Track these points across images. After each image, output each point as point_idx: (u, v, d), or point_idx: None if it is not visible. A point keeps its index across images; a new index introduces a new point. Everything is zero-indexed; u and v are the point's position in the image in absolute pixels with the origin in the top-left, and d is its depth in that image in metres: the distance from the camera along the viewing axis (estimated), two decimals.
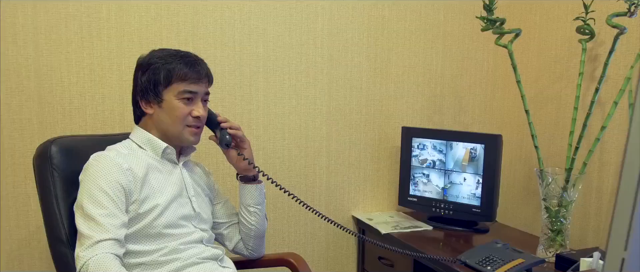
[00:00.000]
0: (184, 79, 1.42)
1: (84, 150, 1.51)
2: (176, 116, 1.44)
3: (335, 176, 2.30)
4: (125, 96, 1.92)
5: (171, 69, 1.42)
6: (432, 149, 2.19)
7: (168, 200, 1.42)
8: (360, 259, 2.37)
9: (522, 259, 1.64)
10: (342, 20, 2.20)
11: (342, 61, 2.23)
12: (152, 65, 1.43)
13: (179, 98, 1.43)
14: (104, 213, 1.28)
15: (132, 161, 1.40)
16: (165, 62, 1.43)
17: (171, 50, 1.47)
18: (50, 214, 1.42)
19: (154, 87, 1.43)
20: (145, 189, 1.39)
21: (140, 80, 1.45)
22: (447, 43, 2.40)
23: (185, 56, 1.46)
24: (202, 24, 1.99)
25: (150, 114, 1.46)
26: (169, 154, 1.49)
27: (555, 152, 2.16)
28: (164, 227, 1.40)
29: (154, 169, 1.44)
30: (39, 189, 1.46)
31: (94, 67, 1.88)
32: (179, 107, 1.43)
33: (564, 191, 1.74)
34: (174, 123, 1.45)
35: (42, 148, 1.47)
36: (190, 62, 1.45)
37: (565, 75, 2.13)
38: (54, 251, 1.41)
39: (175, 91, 1.43)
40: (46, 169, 1.45)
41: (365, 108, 2.31)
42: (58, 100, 1.85)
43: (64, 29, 1.82)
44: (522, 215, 2.38)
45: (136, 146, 1.48)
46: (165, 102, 1.43)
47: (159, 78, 1.42)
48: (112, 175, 1.33)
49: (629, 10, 1.61)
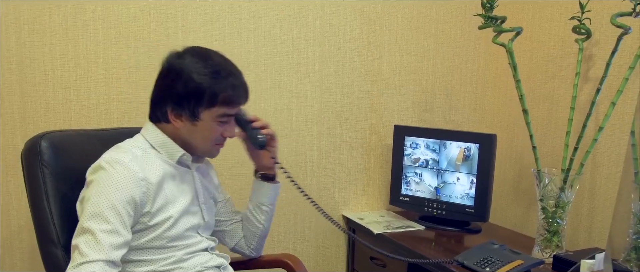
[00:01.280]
0: (229, 103, 1.34)
1: (75, 146, 1.46)
2: (209, 137, 1.37)
3: (326, 175, 2.26)
4: (112, 91, 1.86)
5: (217, 93, 1.31)
6: (425, 148, 2.16)
7: (180, 211, 1.35)
8: (350, 260, 2.34)
9: (521, 260, 1.62)
10: (334, 16, 2.16)
11: (334, 58, 2.19)
12: (193, 80, 1.30)
13: (216, 120, 1.35)
14: (107, 229, 1.19)
15: (147, 166, 1.31)
16: (211, 82, 1.30)
17: (213, 60, 1.34)
18: (40, 212, 1.34)
19: (193, 106, 1.32)
20: (159, 199, 1.30)
21: (174, 90, 1.32)
22: (439, 41, 2.37)
23: (230, 74, 1.34)
24: (192, 18, 1.93)
25: (177, 127, 1.36)
26: (185, 160, 1.40)
27: (546, 153, 2.15)
28: (172, 239, 1.34)
29: (169, 176, 1.35)
30: (28, 186, 1.38)
31: (79, 60, 1.80)
32: (215, 129, 1.36)
33: (561, 191, 1.73)
34: (205, 142, 1.38)
35: (31, 143, 1.39)
36: (237, 84, 1.34)
37: (558, 75, 2.12)
38: (43, 251, 1.34)
39: (215, 114, 1.33)
40: (36, 165, 1.36)
41: (357, 105, 2.27)
42: (41, 94, 1.77)
43: (48, 20, 1.74)
44: (513, 215, 2.37)
45: (150, 146, 1.37)
46: (201, 122, 1.34)
47: (202, 99, 1.30)
48: (126, 188, 1.23)
49: (634, 10, 1.59)
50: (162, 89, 1.36)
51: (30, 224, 1.77)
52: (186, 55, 1.33)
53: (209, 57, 1.34)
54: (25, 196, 1.75)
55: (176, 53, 1.35)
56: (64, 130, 1.57)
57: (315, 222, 2.27)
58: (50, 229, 1.34)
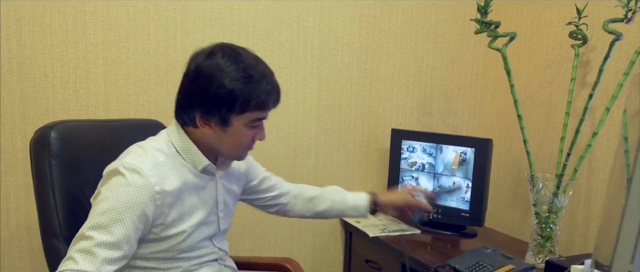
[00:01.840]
0: (262, 108, 1.26)
1: (84, 136, 1.46)
2: (239, 143, 1.30)
3: (324, 177, 2.27)
4: (111, 92, 1.88)
5: (250, 98, 1.22)
6: (421, 152, 2.17)
7: (195, 224, 1.31)
8: (346, 262, 2.35)
9: (513, 265, 1.63)
10: (333, 20, 2.17)
11: (332, 61, 2.21)
12: (225, 86, 1.20)
13: (248, 126, 1.27)
14: (107, 242, 1.14)
15: (168, 174, 1.24)
16: (243, 88, 1.21)
17: (245, 62, 1.23)
18: (45, 204, 1.36)
19: (224, 112, 1.23)
20: (175, 211, 1.26)
21: (204, 95, 1.22)
22: (438, 45, 2.38)
23: (263, 77, 1.24)
24: (191, 20, 1.95)
25: (205, 133, 1.28)
26: (209, 169, 1.34)
27: (544, 158, 2.15)
28: (183, 251, 1.31)
29: (190, 186, 1.30)
30: (34, 177, 1.38)
31: (79, 61, 1.83)
32: (246, 134, 1.28)
33: (554, 196, 1.73)
34: (234, 148, 1.31)
35: (40, 133, 1.39)
36: (270, 89, 1.25)
37: (556, 80, 2.13)
38: (45, 243, 1.36)
39: (247, 120, 1.25)
40: (44, 155, 1.36)
41: (355, 109, 2.28)
42: (41, 95, 1.80)
43: (48, 22, 1.77)
44: (510, 220, 2.37)
45: (175, 151, 1.30)
46: (231, 128, 1.25)
47: (234, 105, 1.22)
48: (139, 203, 1.17)
49: (625, 16, 1.60)
50: (190, 93, 1.26)
51: (29, 223, 1.81)
52: (216, 56, 1.23)
53: (240, 57, 1.24)
54: (24, 196, 1.80)
55: (205, 53, 1.25)
56: (74, 121, 1.57)
57: (312, 224, 2.28)
58: (54, 221, 1.35)
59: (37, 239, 1.76)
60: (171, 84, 1.95)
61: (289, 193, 1.66)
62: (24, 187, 1.80)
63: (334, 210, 1.67)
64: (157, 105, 1.94)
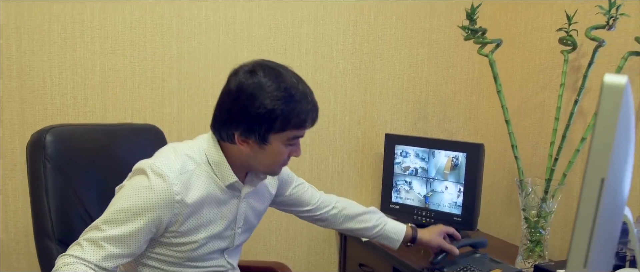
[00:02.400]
0: (301, 127, 1.26)
1: (80, 140, 1.50)
2: (277, 160, 1.30)
3: (319, 182, 2.30)
4: (108, 98, 1.92)
5: (290, 117, 1.23)
6: (414, 157, 2.20)
7: (208, 237, 1.32)
8: (341, 266, 2.37)
9: (500, 269, 1.65)
10: (327, 26, 2.21)
11: (327, 67, 2.24)
12: (266, 106, 1.21)
13: (286, 143, 1.28)
14: (116, 238, 1.18)
15: (194, 183, 1.26)
16: (284, 107, 1.21)
17: (286, 81, 1.23)
18: (38, 206, 1.39)
19: (265, 131, 1.24)
20: (191, 222, 1.27)
21: (245, 114, 1.23)
22: (433, 51, 2.40)
23: (304, 97, 1.25)
24: (187, 28, 1.99)
25: (242, 150, 1.28)
26: (235, 186, 1.35)
27: (538, 163, 2.17)
28: (191, 260, 1.33)
29: (212, 199, 1.30)
30: (29, 179, 1.42)
31: (77, 68, 1.87)
32: (283, 152, 1.29)
33: (543, 201, 1.75)
34: (271, 164, 1.32)
35: (36, 136, 1.43)
36: (310, 108, 1.26)
37: (549, 86, 2.14)
38: (39, 245, 1.39)
39: (285, 138, 1.26)
40: (38, 159, 1.40)
41: (350, 114, 2.31)
42: (39, 101, 1.84)
43: (47, 30, 1.81)
44: (504, 224, 2.39)
45: (206, 161, 1.30)
46: (269, 146, 1.26)
47: (274, 124, 1.23)
48: (157, 209, 1.20)
49: (607, 23, 1.62)
50: (231, 110, 1.26)
51: (27, 226, 1.85)
52: (257, 75, 1.23)
53: (281, 77, 1.24)
54: (23, 199, 1.84)
55: (246, 71, 1.25)
56: (70, 125, 1.62)
57: (307, 228, 2.31)
58: (47, 223, 1.38)
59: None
60: (167, 90, 1.99)
61: (328, 207, 1.67)
62: (23, 191, 1.84)
63: (369, 232, 1.70)
64: (154, 110, 1.98)
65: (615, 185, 0.75)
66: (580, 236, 0.72)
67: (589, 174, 0.71)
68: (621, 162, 0.75)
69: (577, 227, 0.72)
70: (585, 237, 0.71)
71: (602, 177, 0.70)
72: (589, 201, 0.71)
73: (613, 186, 0.73)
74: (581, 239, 0.72)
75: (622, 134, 0.72)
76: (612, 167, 0.71)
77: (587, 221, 0.71)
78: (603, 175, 0.70)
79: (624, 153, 0.75)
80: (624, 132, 0.73)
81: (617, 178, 0.75)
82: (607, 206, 0.72)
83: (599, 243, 0.74)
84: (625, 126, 0.73)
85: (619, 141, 0.71)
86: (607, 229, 0.77)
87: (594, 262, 0.73)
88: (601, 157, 0.70)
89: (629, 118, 0.75)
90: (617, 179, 0.75)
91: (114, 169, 1.47)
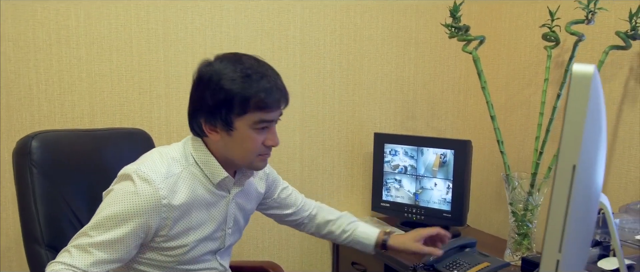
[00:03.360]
0: (262, 108, 1.22)
1: (66, 145, 1.50)
2: (248, 148, 1.26)
3: (309, 183, 2.31)
4: (95, 104, 1.93)
5: (248, 97, 1.20)
6: (403, 155, 2.21)
7: (199, 239, 1.32)
8: (334, 265, 2.38)
9: (488, 262, 1.66)
10: (314, 27, 2.22)
11: (315, 68, 2.25)
12: (222, 87, 1.21)
13: (254, 128, 1.24)
14: (104, 243, 1.18)
15: (180, 186, 1.26)
16: (240, 86, 1.20)
17: (244, 64, 1.23)
18: (26, 212, 1.39)
19: (225, 114, 1.22)
20: (180, 225, 1.27)
21: (205, 99, 1.23)
22: (420, 50, 2.42)
23: (263, 76, 1.23)
24: (173, 31, 2.00)
25: (214, 140, 1.28)
26: (226, 184, 1.34)
27: (525, 158, 2.19)
28: (183, 263, 1.32)
29: (201, 202, 1.30)
30: (17, 186, 1.42)
31: (63, 74, 1.88)
32: (253, 138, 1.25)
33: (529, 195, 1.77)
34: (245, 154, 1.28)
35: (22, 143, 1.43)
36: (270, 87, 1.23)
37: (534, 81, 2.17)
38: (27, 250, 1.39)
39: (250, 121, 1.23)
40: (25, 165, 1.40)
41: (338, 114, 2.32)
42: (26, 108, 1.84)
43: (32, 37, 1.82)
44: (493, 219, 2.40)
45: (194, 163, 1.30)
46: (236, 132, 1.24)
47: (233, 105, 1.21)
48: (143, 214, 1.19)
49: (586, 17, 1.64)
50: (194, 100, 1.28)
51: (17, 233, 1.85)
52: (216, 62, 1.25)
53: (240, 60, 1.24)
54: (12, 206, 1.83)
55: (206, 61, 1.27)
56: (56, 130, 1.61)
57: None
58: (36, 228, 1.38)
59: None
60: (155, 94, 2.00)
61: (306, 212, 1.67)
62: (12, 198, 1.84)
63: (340, 237, 1.68)
64: (142, 115, 1.99)
65: (588, 172, 0.77)
66: (555, 221, 0.73)
67: (561, 162, 0.72)
68: (593, 149, 0.76)
69: (552, 213, 0.73)
70: (559, 223, 0.73)
71: (574, 164, 0.71)
72: (561, 188, 0.73)
73: (585, 173, 0.75)
74: (555, 225, 0.73)
75: (593, 122, 0.74)
76: (584, 154, 0.72)
77: (561, 206, 0.73)
78: (574, 162, 0.71)
79: (595, 140, 0.77)
80: (595, 120, 0.74)
81: (589, 165, 0.76)
82: (580, 192, 0.74)
83: (574, 229, 0.75)
84: (596, 114, 0.75)
85: (589, 129, 0.72)
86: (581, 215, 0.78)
87: (568, 247, 0.74)
88: (572, 145, 0.71)
89: (598, 106, 0.76)
90: (590, 166, 0.77)
91: (102, 173, 1.48)
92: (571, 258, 0.76)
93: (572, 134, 0.71)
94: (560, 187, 0.72)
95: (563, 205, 0.72)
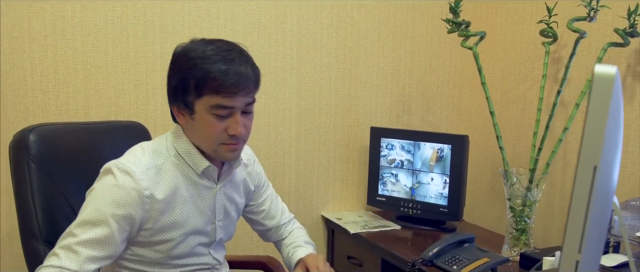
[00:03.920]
0: (217, 91, 1.15)
1: (64, 139, 1.47)
2: (208, 133, 1.21)
3: (305, 176, 2.31)
4: (91, 96, 1.90)
5: (203, 77, 1.15)
6: (400, 149, 2.21)
7: (186, 233, 1.28)
8: (329, 259, 2.38)
9: (487, 258, 1.67)
10: (311, 21, 2.21)
11: (311, 61, 2.24)
12: (181, 67, 1.18)
13: (211, 113, 1.18)
14: (90, 240, 1.15)
15: (163, 178, 1.23)
16: (197, 67, 1.16)
17: (210, 46, 1.19)
18: (24, 207, 1.37)
19: (182, 95, 1.18)
20: (165, 218, 1.23)
21: (168, 81, 1.23)
22: (416, 44, 2.42)
23: (223, 59, 1.16)
24: (170, 23, 1.97)
25: (182, 125, 1.26)
26: (210, 173, 1.30)
27: (521, 153, 2.20)
28: (174, 258, 1.29)
29: (186, 194, 1.27)
30: (13, 180, 1.39)
31: (58, 65, 1.84)
32: (212, 124, 1.19)
33: (527, 191, 1.78)
34: (206, 141, 1.23)
35: (19, 136, 1.39)
36: (226, 69, 1.15)
37: (530, 77, 2.17)
38: (25, 245, 1.37)
39: (207, 105, 1.17)
40: (23, 159, 1.37)
41: (334, 108, 2.32)
42: (20, 99, 1.81)
43: (27, 28, 1.78)
44: (489, 214, 2.42)
45: (176, 154, 1.27)
46: (197, 115, 1.19)
47: (189, 86, 1.17)
48: (126, 205, 1.17)
49: (588, 15, 1.64)
50: (167, 85, 1.25)
51: (11, 227, 1.82)
52: (187, 44, 1.23)
53: (208, 42, 1.21)
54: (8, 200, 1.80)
55: (181, 44, 1.25)
56: (53, 123, 1.58)
57: None
58: (33, 223, 1.36)
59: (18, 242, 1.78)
60: (151, 86, 1.97)
61: (283, 233, 1.59)
62: (4, 191, 1.81)
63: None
64: (138, 107, 1.97)
65: (607, 172, 0.77)
66: (575, 222, 0.73)
67: (582, 162, 0.72)
68: (612, 149, 0.77)
69: (572, 215, 0.73)
70: (579, 224, 0.73)
71: (595, 164, 0.72)
72: (582, 189, 0.73)
73: (605, 173, 0.75)
74: (575, 226, 0.73)
75: (613, 122, 0.74)
76: (604, 155, 0.72)
77: (581, 207, 0.73)
78: (596, 163, 0.72)
79: (614, 141, 0.77)
80: (615, 120, 0.75)
81: (608, 165, 0.77)
82: (599, 192, 0.74)
83: (592, 229, 0.75)
84: (616, 115, 0.75)
85: (610, 130, 0.72)
86: (599, 215, 0.78)
87: (587, 248, 0.75)
88: (594, 146, 0.71)
89: (618, 107, 0.77)
90: (609, 166, 0.77)
91: (99, 167, 1.44)
92: (589, 258, 0.76)
93: (594, 135, 0.71)
94: (580, 188, 0.72)
95: (583, 206, 0.73)
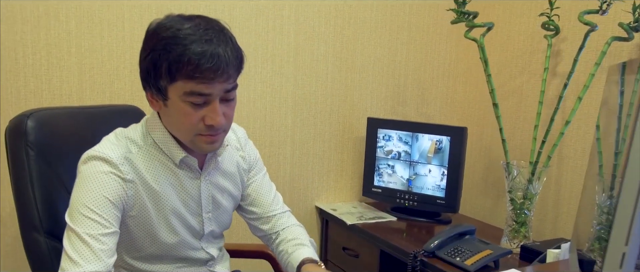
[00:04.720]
0: (192, 76, 1.02)
1: (62, 124, 1.41)
2: (183, 123, 1.10)
3: (300, 166, 2.28)
4: (85, 80, 1.84)
5: (175, 60, 1.01)
6: (397, 141, 2.20)
7: (170, 226, 1.21)
8: (323, 250, 2.36)
9: (490, 250, 1.67)
10: (308, 9, 2.17)
11: (308, 50, 2.20)
12: (152, 49, 1.04)
13: (185, 101, 1.06)
14: (90, 232, 1.06)
15: (139, 167, 1.14)
16: (171, 46, 1.01)
17: (186, 23, 1.04)
18: (23, 197, 1.29)
19: (154, 79, 1.05)
20: (146, 214, 1.17)
21: (140, 61, 1.09)
22: (412, 34, 2.40)
23: (197, 40, 1.02)
24: (166, 8, 1.91)
25: (157, 110, 1.15)
26: (189, 163, 1.20)
27: (516, 145, 2.21)
28: (162, 250, 1.22)
29: (165, 187, 1.17)
30: (11, 169, 1.31)
31: (51, 48, 1.78)
32: (186, 112, 1.07)
33: (529, 183, 1.78)
34: (181, 131, 1.13)
35: (16, 122, 1.30)
36: (201, 52, 1.01)
37: (527, 70, 2.18)
38: (25, 237, 1.30)
39: (181, 91, 1.05)
40: (20, 146, 1.29)
41: (331, 98, 2.29)
42: (12, 83, 1.74)
43: (19, 8, 1.71)
44: (482, 206, 2.43)
45: (152, 142, 1.17)
46: (170, 102, 1.08)
47: (161, 69, 1.03)
48: (110, 190, 1.09)
49: (600, 8, 1.65)
50: (139, 65, 1.12)
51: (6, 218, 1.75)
52: (161, 20, 1.08)
53: (185, 19, 1.06)
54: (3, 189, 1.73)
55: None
56: (51, 108, 1.50)
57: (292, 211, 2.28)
58: (34, 214, 1.28)
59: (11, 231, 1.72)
60: None
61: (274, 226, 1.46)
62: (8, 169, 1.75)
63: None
64: (132, 93, 1.91)
65: None
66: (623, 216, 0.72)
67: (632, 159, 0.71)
68: None
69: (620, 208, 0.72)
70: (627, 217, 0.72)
71: None
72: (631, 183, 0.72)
73: None
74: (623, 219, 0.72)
75: None
76: None
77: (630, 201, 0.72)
78: None
79: None
80: None
81: None
82: None
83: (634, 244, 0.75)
84: None
85: None
86: None
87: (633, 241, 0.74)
88: None
89: None
90: None
91: None
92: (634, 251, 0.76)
93: None
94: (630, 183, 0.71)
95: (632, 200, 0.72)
